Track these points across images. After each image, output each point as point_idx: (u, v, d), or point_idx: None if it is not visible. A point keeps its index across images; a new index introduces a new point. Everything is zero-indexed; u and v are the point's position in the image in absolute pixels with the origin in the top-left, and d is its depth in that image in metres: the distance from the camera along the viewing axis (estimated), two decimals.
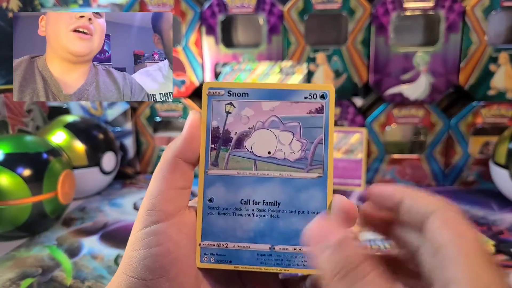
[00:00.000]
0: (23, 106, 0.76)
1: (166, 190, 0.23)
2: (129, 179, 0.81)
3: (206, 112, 0.24)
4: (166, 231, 0.22)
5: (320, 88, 0.23)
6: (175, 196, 0.23)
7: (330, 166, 0.23)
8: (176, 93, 0.80)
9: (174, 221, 0.23)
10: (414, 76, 0.74)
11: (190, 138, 0.23)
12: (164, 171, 0.23)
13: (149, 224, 0.22)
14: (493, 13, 0.69)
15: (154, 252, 0.22)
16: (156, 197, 0.23)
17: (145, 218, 0.22)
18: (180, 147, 0.23)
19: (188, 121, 0.24)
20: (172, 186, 0.23)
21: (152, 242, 0.22)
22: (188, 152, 0.23)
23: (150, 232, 0.22)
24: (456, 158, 0.75)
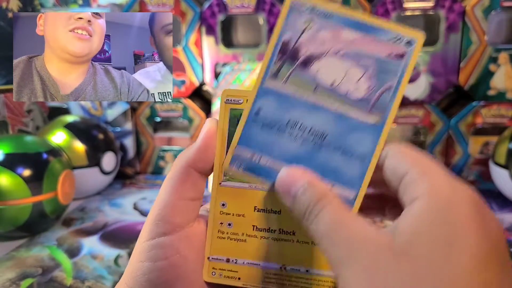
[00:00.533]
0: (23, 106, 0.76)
1: (175, 201, 0.22)
2: (129, 179, 0.81)
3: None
4: (174, 244, 0.21)
5: (409, 33, 0.21)
6: (185, 207, 0.22)
7: (391, 116, 0.21)
8: (176, 93, 0.80)
9: (183, 234, 0.22)
10: (414, 76, 0.74)
11: (204, 147, 0.22)
12: (174, 180, 0.22)
13: (156, 235, 0.21)
14: (493, 13, 0.69)
15: (160, 266, 0.21)
16: (165, 207, 0.22)
17: (153, 228, 0.22)
18: (193, 156, 0.22)
19: (204, 130, 0.23)
20: (182, 196, 0.22)
21: (159, 255, 0.21)
22: (201, 162, 0.22)
23: (157, 244, 0.21)
24: (456, 158, 0.75)
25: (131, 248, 0.52)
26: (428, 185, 0.18)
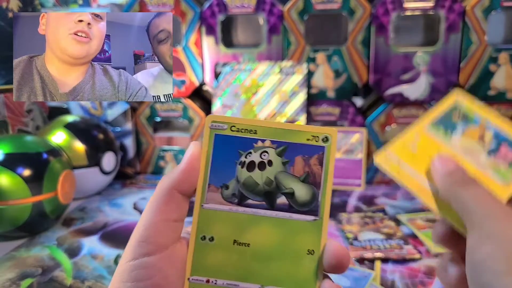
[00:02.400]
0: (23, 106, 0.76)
1: (159, 222, 0.22)
2: (129, 179, 0.81)
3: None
4: (157, 264, 0.22)
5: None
6: (168, 228, 0.22)
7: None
8: (176, 93, 0.80)
9: (166, 254, 0.22)
10: (414, 76, 0.74)
11: (188, 170, 0.23)
12: (158, 202, 0.22)
13: (139, 256, 0.22)
14: (493, 13, 0.69)
15: (143, 286, 0.21)
16: (149, 228, 0.22)
17: (136, 249, 0.22)
18: (177, 179, 0.23)
19: (188, 152, 0.23)
20: (166, 218, 0.22)
21: (141, 275, 0.21)
22: (184, 184, 0.23)
23: (140, 264, 0.21)
24: None
25: None
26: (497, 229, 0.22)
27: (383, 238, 0.54)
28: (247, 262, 0.23)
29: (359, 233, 0.56)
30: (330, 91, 0.77)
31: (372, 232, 0.56)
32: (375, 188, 0.75)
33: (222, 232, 0.23)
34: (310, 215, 0.23)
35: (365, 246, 0.52)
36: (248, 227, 0.23)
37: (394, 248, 0.51)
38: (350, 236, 0.55)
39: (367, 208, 0.66)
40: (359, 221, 0.60)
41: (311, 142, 0.23)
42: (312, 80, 0.76)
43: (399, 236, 0.55)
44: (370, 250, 0.51)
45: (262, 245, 0.23)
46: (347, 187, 0.75)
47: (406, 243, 0.53)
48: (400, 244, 0.52)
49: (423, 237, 0.54)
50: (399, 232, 0.56)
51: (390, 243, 0.53)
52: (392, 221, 0.60)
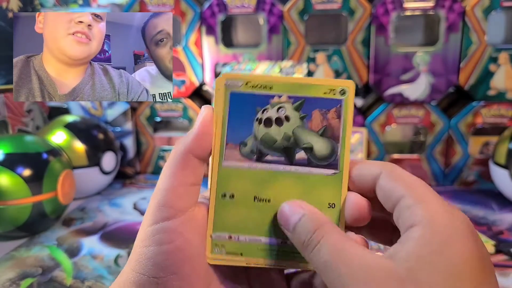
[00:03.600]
0: (23, 106, 0.76)
1: (177, 186, 0.22)
2: (129, 179, 0.81)
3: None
4: (178, 228, 0.22)
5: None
6: (186, 192, 0.22)
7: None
8: (176, 93, 0.80)
9: (185, 218, 0.22)
10: (414, 76, 0.74)
11: (202, 134, 0.23)
12: (174, 166, 0.22)
13: (160, 220, 0.22)
14: (493, 13, 0.69)
15: (166, 250, 0.21)
16: (167, 193, 0.22)
17: (156, 214, 0.22)
18: (191, 143, 0.23)
19: (200, 116, 0.23)
20: (183, 182, 0.22)
21: (164, 239, 0.21)
22: (199, 148, 0.23)
23: (161, 228, 0.22)
24: (456, 158, 0.75)
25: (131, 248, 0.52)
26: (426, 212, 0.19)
27: None
28: (268, 217, 0.23)
29: None
30: None
31: None
32: None
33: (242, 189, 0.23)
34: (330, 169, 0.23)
35: None
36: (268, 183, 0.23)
37: None
38: None
39: None
40: None
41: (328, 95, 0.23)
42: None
43: None
44: None
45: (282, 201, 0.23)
46: None
47: None
48: None
49: None
50: None
51: None
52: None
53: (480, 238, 0.19)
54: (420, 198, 0.20)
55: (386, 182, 0.21)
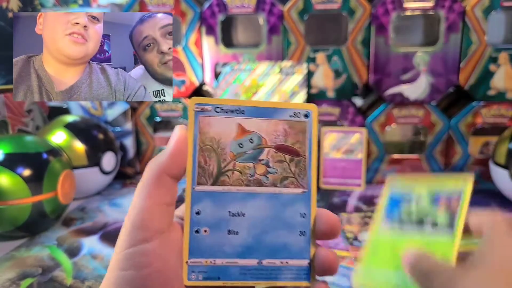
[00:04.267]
0: (23, 106, 0.76)
1: (153, 206, 0.22)
2: (129, 179, 0.81)
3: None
4: (156, 250, 0.21)
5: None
6: (162, 212, 0.22)
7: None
8: (176, 93, 0.80)
9: (163, 239, 0.22)
10: (414, 76, 0.74)
11: (176, 153, 0.23)
12: (149, 186, 0.22)
13: (137, 242, 0.21)
14: (493, 13, 0.69)
15: (145, 274, 0.21)
16: (142, 213, 0.21)
17: (132, 235, 0.21)
18: (166, 162, 0.22)
19: (174, 136, 0.23)
20: (158, 202, 0.22)
21: (142, 262, 0.21)
22: (174, 167, 0.22)
23: (139, 251, 0.21)
24: (456, 158, 0.75)
25: None
26: None
27: None
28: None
29: (359, 233, 0.56)
30: (330, 91, 0.77)
31: None
32: (375, 188, 0.75)
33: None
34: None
35: None
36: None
37: None
38: (350, 236, 0.55)
39: (367, 208, 0.66)
40: (359, 221, 0.60)
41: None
42: (312, 80, 0.76)
43: None
44: None
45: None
46: (347, 187, 0.75)
47: None
48: None
49: None
50: None
51: None
52: None
53: None
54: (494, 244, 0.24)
55: None
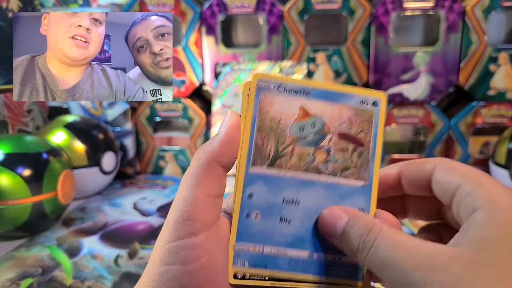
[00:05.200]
0: (23, 106, 0.76)
1: (202, 198, 0.20)
2: (129, 179, 0.81)
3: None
4: (204, 244, 0.20)
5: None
6: (211, 204, 0.21)
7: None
8: (176, 93, 0.80)
9: (211, 233, 0.20)
10: (414, 76, 0.74)
11: (228, 141, 0.21)
12: (198, 176, 0.20)
13: (185, 235, 0.20)
14: (493, 13, 0.69)
15: (192, 269, 0.19)
16: (191, 205, 0.20)
17: (179, 228, 0.20)
18: (217, 150, 0.21)
19: (227, 122, 0.21)
20: (208, 193, 0.20)
21: (190, 257, 0.19)
22: (225, 156, 0.21)
23: (187, 245, 0.20)
24: (456, 158, 0.75)
25: (131, 248, 0.52)
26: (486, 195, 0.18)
27: None
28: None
29: None
30: None
31: None
32: None
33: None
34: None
35: None
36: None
37: None
38: None
39: None
40: None
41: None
42: (312, 80, 0.77)
43: None
44: None
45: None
46: None
47: None
48: None
49: None
50: None
51: None
52: None
53: None
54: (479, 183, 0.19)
55: (441, 175, 0.21)
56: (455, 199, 0.20)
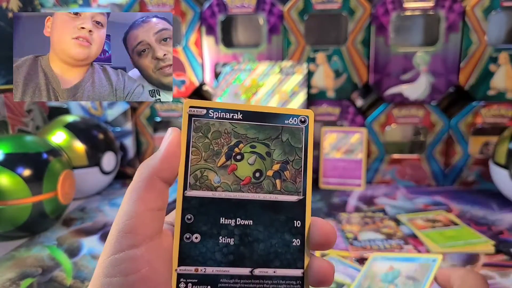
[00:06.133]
0: (23, 106, 0.76)
1: (143, 212, 0.21)
2: (129, 179, 0.81)
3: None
4: (144, 256, 0.20)
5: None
6: (152, 218, 0.21)
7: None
8: (176, 93, 0.80)
9: (152, 245, 0.21)
10: (414, 76, 0.74)
11: (169, 156, 0.22)
12: (140, 190, 0.21)
13: (125, 248, 0.20)
14: (493, 13, 0.69)
15: (132, 280, 0.20)
16: (132, 218, 0.21)
17: (121, 241, 0.20)
18: (158, 165, 0.22)
19: (167, 138, 0.22)
20: (149, 207, 0.21)
21: (130, 268, 0.20)
22: (166, 171, 0.22)
23: (127, 257, 0.20)
24: (456, 158, 0.75)
25: None
26: None
27: (383, 238, 0.54)
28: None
29: (359, 233, 0.56)
30: (330, 91, 0.77)
31: (372, 232, 0.56)
32: (375, 188, 0.75)
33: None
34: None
35: (365, 246, 0.52)
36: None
37: (394, 248, 0.51)
38: (350, 236, 0.55)
39: (367, 208, 0.66)
40: (359, 221, 0.60)
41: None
42: (312, 80, 0.76)
43: (399, 236, 0.55)
44: (370, 250, 0.51)
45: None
46: (347, 187, 0.75)
47: (406, 243, 0.53)
48: (400, 244, 0.52)
49: (423, 237, 0.54)
50: (399, 232, 0.56)
51: (390, 243, 0.53)
52: (392, 221, 0.60)
53: None
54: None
55: None
56: None
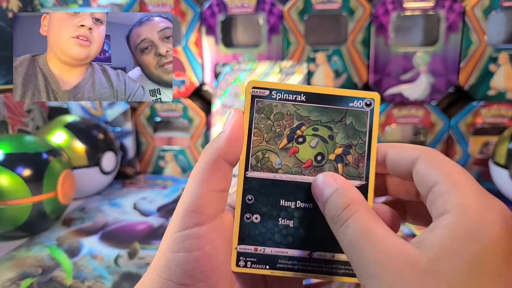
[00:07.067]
0: (23, 106, 0.76)
1: (207, 192, 0.22)
2: (129, 179, 0.81)
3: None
4: (207, 234, 0.21)
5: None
6: (216, 198, 0.22)
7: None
8: (176, 93, 0.80)
9: (215, 224, 0.22)
10: (414, 76, 0.74)
11: (233, 138, 0.22)
12: (205, 171, 0.22)
13: (190, 226, 0.21)
14: (493, 13, 0.69)
15: (195, 256, 0.21)
16: (197, 198, 0.22)
17: (186, 219, 0.21)
18: (223, 148, 0.22)
19: (231, 120, 0.23)
20: (213, 188, 0.22)
21: (194, 245, 0.21)
22: (231, 153, 0.22)
23: (191, 234, 0.21)
24: (456, 158, 0.75)
25: (131, 248, 0.52)
26: (459, 199, 0.18)
27: None
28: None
29: None
30: None
31: None
32: None
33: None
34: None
35: None
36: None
37: None
38: None
39: None
40: None
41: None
42: (312, 80, 0.76)
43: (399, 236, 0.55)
44: None
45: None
46: None
47: None
48: None
49: None
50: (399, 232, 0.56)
51: None
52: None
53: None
54: (456, 183, 0.19)
55: (422, 167, 0.21)
56: (430, 195, 0.20)
